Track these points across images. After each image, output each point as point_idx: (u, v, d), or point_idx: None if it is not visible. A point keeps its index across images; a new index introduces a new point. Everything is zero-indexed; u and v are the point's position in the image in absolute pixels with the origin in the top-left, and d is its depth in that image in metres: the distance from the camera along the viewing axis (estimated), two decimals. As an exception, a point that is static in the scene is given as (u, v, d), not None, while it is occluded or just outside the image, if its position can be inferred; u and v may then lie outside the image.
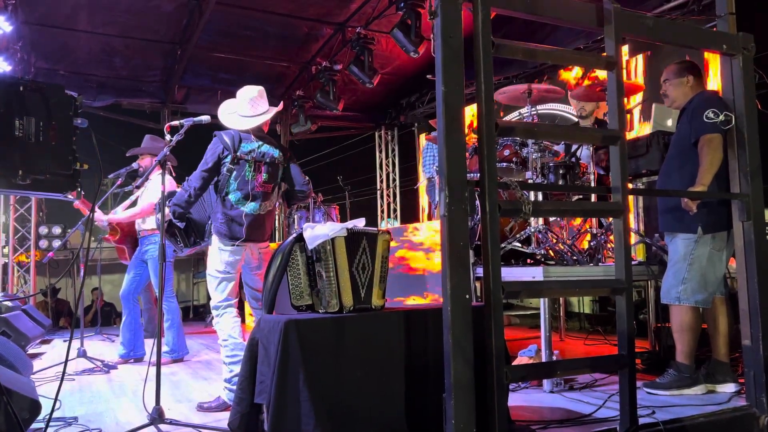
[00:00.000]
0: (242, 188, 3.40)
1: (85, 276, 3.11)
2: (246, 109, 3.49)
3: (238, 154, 3.38)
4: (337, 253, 2.62)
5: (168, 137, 3.29)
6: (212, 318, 3.53)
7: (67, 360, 2.52)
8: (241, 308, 3.60)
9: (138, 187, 4.74)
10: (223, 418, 2.95)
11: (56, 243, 8.59)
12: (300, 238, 2.70)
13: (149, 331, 5.52)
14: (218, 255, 3.41)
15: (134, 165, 4.96)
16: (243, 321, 3.54)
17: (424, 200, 9.72)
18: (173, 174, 5.28)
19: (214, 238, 3.41)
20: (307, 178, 3.75)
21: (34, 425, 2.58)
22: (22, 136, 2.08)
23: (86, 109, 7.96)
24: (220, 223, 3.38)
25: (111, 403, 3.62)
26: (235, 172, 3.39)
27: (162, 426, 2.92)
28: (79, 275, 6.70)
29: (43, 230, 8.75)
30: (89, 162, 2.32)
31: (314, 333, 2.43)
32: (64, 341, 6.68)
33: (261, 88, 3.55)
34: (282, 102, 3.74)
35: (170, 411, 3.12)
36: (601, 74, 6.06)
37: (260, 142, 3.48)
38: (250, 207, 3.41)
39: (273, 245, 3.63)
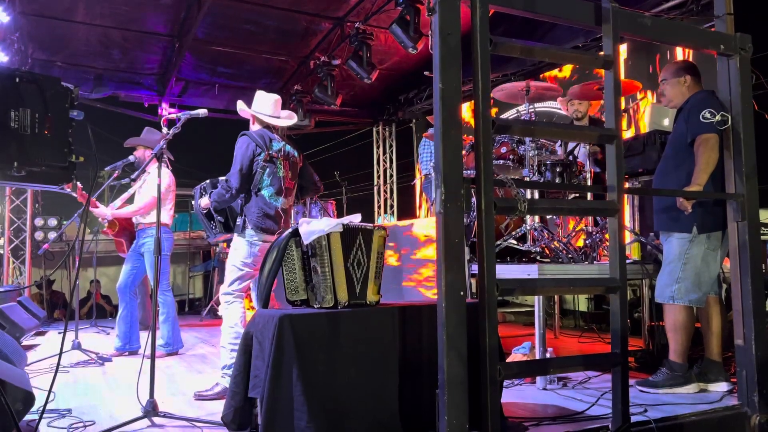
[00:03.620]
0: (275, 184, 3.60)
1: (79, 268, 3.11)
2: (271, 110, 3.74)
3: (271, 152, 3.57)
4: (332, 248, 2.62)
5: (165, 130, 3.31)
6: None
7: (61, 352, 2.52)
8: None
9: (134, 180, 4.73)
10: (216, 412, 2.95)
11: (52, 235, 8.58)
12: (296, 233, 2.70)
13: (144, 324, 5.51)
14: (247, 247, 3.54)
15: (131, 158, 4.96)
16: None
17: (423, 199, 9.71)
18: (170, 167, 5.27)
19: (247, 231, 3.54)
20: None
21: (28, 417, 2.57)
22: (17, 128, 2.08)
23: (83, 101, 7.95)
24: (257, 218, 3.54)
25: (105, 395, 3.62)
26: (268, 169, 3.58)
27: (156, 419, 2.93)
28: (74, 267, 6.70)
29: (39, 222, 8.73)
30: (85, 154, 2.32)
31: (309, 328, 2.44)
32: (59, 333, 6.68)
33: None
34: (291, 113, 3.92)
35: (164, 404, 3.12)
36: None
37: (283, 142, 3.73)
38: (281, 201, 3.63)
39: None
